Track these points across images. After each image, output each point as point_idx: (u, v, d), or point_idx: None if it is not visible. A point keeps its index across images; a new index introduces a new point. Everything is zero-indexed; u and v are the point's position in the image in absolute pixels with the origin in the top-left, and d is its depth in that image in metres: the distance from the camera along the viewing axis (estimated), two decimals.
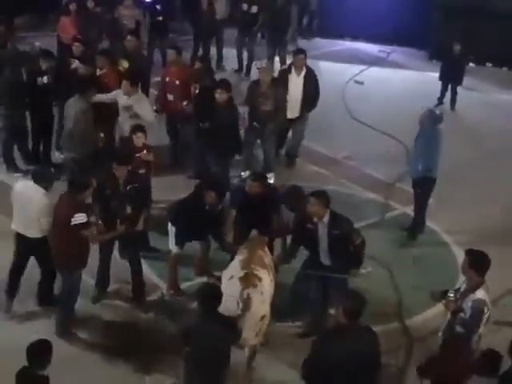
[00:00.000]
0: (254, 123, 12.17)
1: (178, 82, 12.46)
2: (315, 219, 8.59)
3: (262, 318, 7.91)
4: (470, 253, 7.60)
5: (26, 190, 8.86)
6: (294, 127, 13.02)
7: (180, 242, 9.44)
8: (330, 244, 8.59)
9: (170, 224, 9.47)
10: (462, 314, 7.44)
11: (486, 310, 7.43)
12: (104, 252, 9.42)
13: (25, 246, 8.98)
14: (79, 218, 8.29)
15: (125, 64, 12.32)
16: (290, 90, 12.53)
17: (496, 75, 18.43)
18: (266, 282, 8.09)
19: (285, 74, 12.85)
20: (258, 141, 12.55)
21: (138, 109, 11.27)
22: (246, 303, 7.68)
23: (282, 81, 12.60)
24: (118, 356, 8.57)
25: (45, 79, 12.07)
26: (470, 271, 7.50)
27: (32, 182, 8.81)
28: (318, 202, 8.54)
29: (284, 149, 13.33)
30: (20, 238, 8.97)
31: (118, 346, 8.77)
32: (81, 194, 8.47)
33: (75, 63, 12.51)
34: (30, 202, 8.73)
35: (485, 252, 7.53)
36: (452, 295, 7.55)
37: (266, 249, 8.78)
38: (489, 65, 19.24)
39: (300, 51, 13.09)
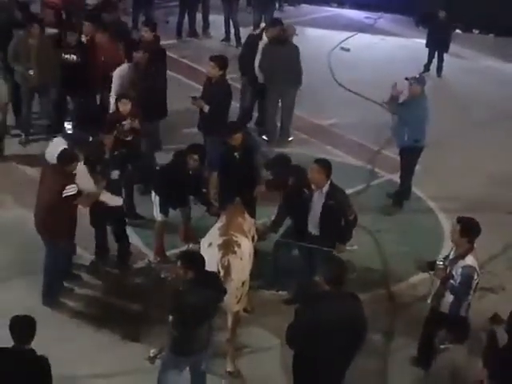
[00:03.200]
0: None
1: None
2: (313, 187, 8.55)
3: (243, 283, 7.93)
4: (461, 220, 7.62)
5: None
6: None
7: (164, 209, 9.42)
8: (322, 214, 8.55)
9: (153, 192, 9.44)
10: (451, 281, 7.47)
11: (475, 276, 7.48)
12: (95, 218, 9.34)
13: None
14: (70, 189, 8.27)
15: None
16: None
17: (483, 42, 18.39)
18: (246, 247, 8.08)
19: (254, 39, 12.54)
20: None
21: None
22: (227, 270, 7.68)
23: (251, 46, 12.39)
24: (104, 324, 8.56)
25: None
26: (461, 239, 7.52)
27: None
28: (322, 171, 8.48)
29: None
30: None
31: (104, 314, 8.78)
32: (69, 165, 8.41)
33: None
34: None
35: (475, 219, 7.58)
36: (441, 263, 7.57)
37: (246, 215, 8.67)
38: (475, 31, 19.16)
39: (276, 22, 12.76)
